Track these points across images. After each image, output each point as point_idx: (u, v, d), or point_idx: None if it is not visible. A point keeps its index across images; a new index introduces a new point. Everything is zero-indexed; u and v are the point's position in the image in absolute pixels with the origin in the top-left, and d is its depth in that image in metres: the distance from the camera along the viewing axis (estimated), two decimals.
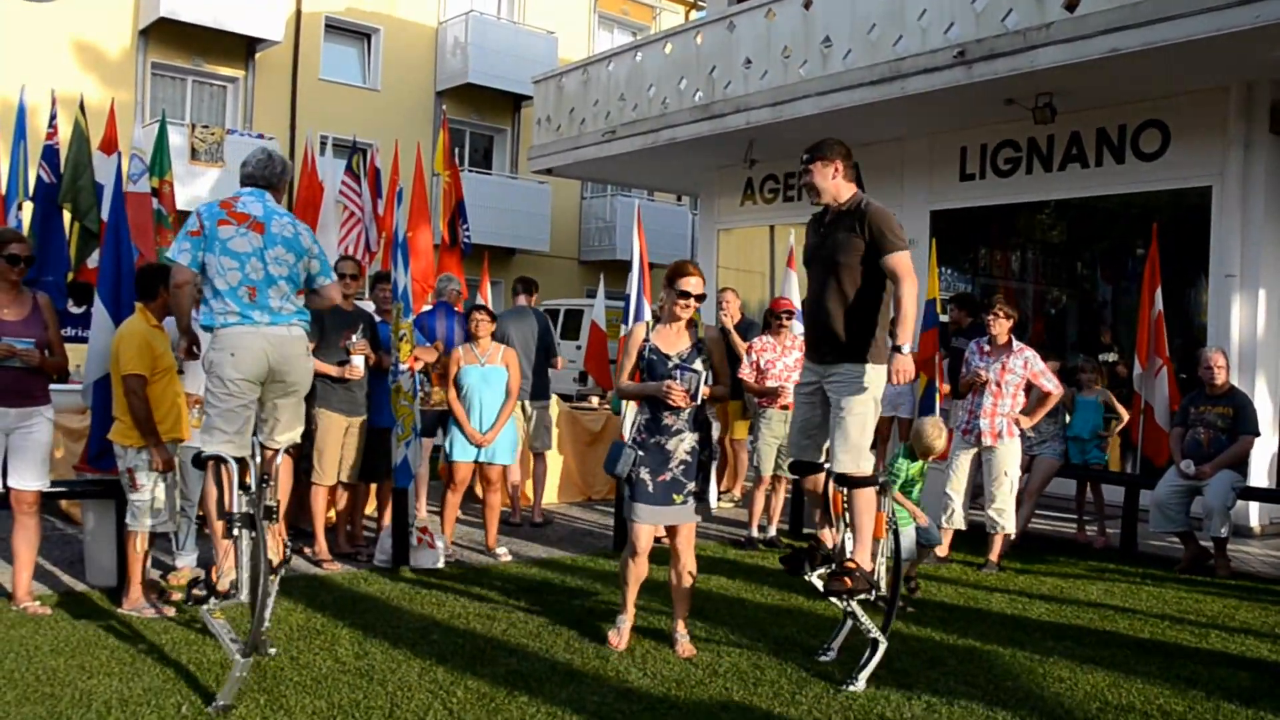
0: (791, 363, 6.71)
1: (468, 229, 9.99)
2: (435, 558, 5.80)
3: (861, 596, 4.07)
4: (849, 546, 4.25)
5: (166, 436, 4.68)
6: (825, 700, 3.86)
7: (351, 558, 6.00)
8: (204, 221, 4.07)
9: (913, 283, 4.03)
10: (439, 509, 7.08)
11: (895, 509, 5.28)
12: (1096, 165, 8.99)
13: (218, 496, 4.01)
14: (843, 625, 4.36)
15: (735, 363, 7.14)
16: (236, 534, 3.88)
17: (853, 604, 4.08)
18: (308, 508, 5.93)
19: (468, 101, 19.90)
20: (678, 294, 4.30)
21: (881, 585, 4.14)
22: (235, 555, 3.90)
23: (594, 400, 9.59)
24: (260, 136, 17.25)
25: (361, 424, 5.93)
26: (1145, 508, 6.84)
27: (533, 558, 6.29)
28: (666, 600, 4.64)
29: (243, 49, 17.62)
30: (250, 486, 3.94)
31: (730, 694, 3.90)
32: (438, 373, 6.86)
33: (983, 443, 6.22)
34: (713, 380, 4.36)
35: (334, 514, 6.26)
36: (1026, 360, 6.24)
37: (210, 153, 16.35)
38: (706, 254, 13.01)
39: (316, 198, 9.66)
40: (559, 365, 7.80)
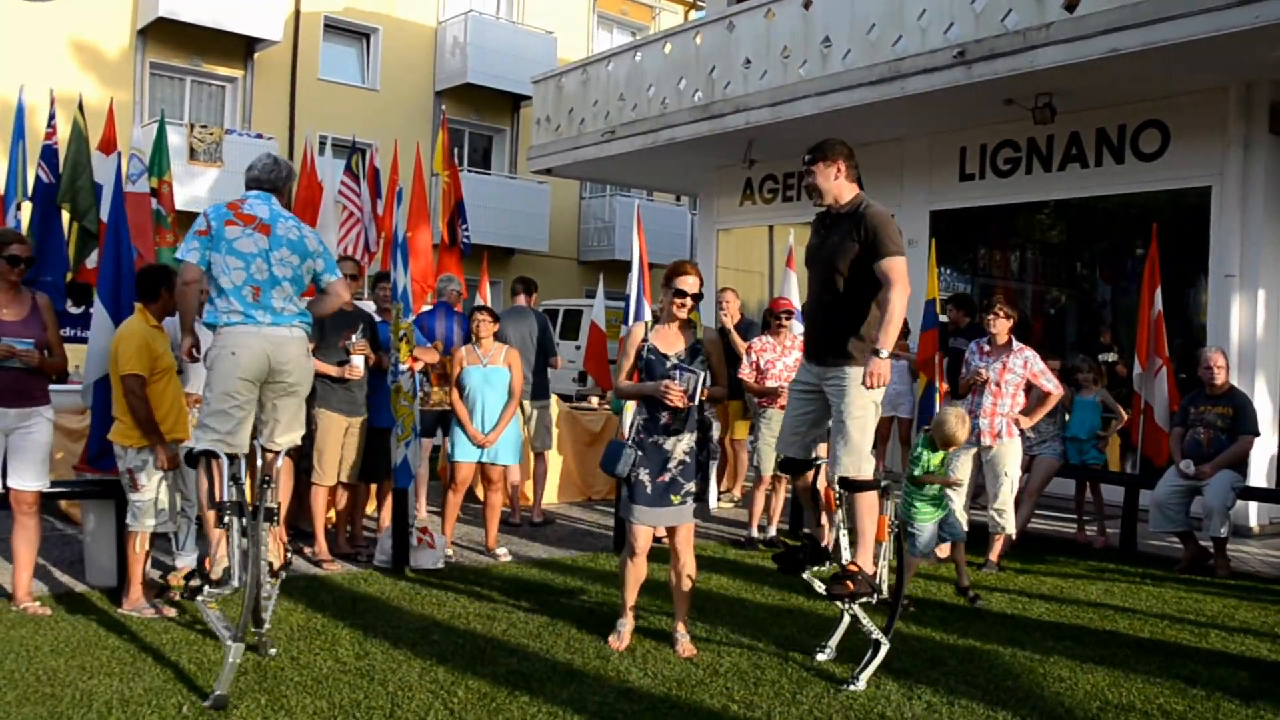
0: (791, 363, 6.71)
1: (467, 229, 9.99)
2: (435, 558, 5.80)
3: (863, 600, 4.07)
4: (844, 544, 4.26)
5: (168, 437, 4.68)
6: (826, 700, 3.86)
7: (351, 558, 5.99)
8: (211, 222, 4.13)
9: (902, 290, 3.96)
10: (438, 509, 7.09)
11: (914, 509, 5.25)
12: (1096, 165, 9.00)
13: (208, 488, 4.09)
14: (839, 624, 4.36)
15: (735, 362, 7.15)
16: (228, 521, 3.94)
17: (854, 607, 4.08)
18: (308, 508, 5.93)
19: (467, 101, 19.90)
20: (674, 293, 4.34)
21: (884, 588, 4.13)
22: (227, 543, 3.96)
23: (594, 400, 9.59)
24: (259, 136, 17.24)
25: (361, 424, 5.93)
26: (1145, 508, 6.85)
27: (533, 558, 6.28)
28: (667, 600, 4.64)
29: (241, 49, 17.60)
30: (240, 477, 4.02)
31: (731, 694, 3.91)
32: (437, 373, 6.86)
33: (982, 443, 6.22)
34: (711, 381, 4.37)
35: (334, 514, 6.26)
36: (1026, 360, 6.24)
37: (209, 153, 16.33)
38: (706, 254, 13.01)
39: (316, 198, 9.65)
40: (557, 365, 7.80)
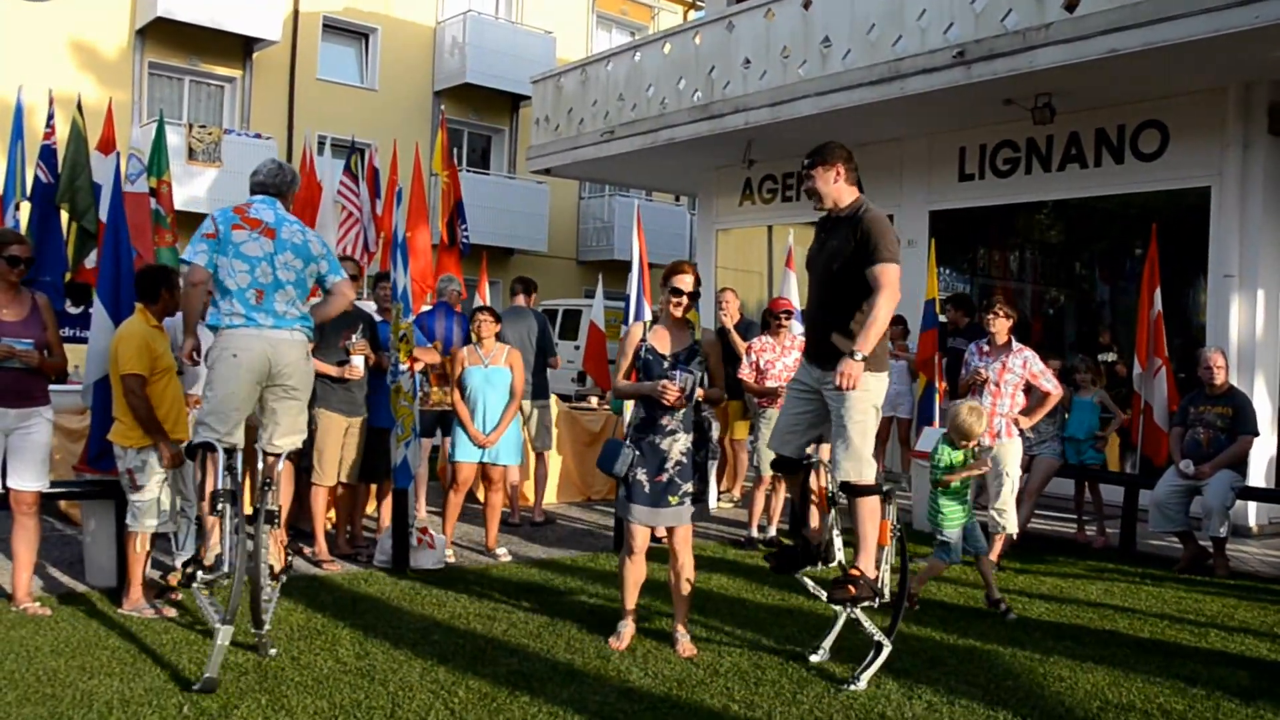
0: (791, 363, 6.71)
1: (466, 229, 9.98)
2: (435, 558, 5.80)
3: (865, 604, 4.06)
4: (836, 545, 4.25)
5: (154, 442, 4.65)
6: (826, 700, 3.86)
7: (351, 558, 5.99)
8: (219, 225, 4.19)
9: (890, 297, 3.92)
10: (437, 509, 7.09)
11: (941, 515, 5.20)
12: (1095, 165, 9.01)
13: (201, 479, 4.22)
14: (833, 626, 4.35)
15: (735, 362, 7.15)
16: (220, 509, 4.03)
17: (857, 610, 4.08)
18: (307, 508, 5.92)
19: (465, 101, 19.89)
20: (670, 291, 4.37)
21: (886, 592, 4.13)
22: (220, 531, 4.04)
23: (593, 400, 9.59)
24: (258, 136, 17.22)
25: (361, 424, 5.93)
26: (1144, 507, 6.85)
27: (532, 558, 6.28)
28: (667, 600, 4.64)
29: (240, 49, 17.58)
30: (235, 468, 4.11)
31: (732, 693, 3.91)
32: (436, 373, 6.86)
33: (982, 442, 6.22)
34: (708, 383, 4.37)
35: (334, 514, 6.26)
36: (1026, 360, 6.24)
37: (207, 153, 16.31)
38: (705, 254, 13.02)
39: (315, 198, 9.64)
40: (556, 365, 7.81)
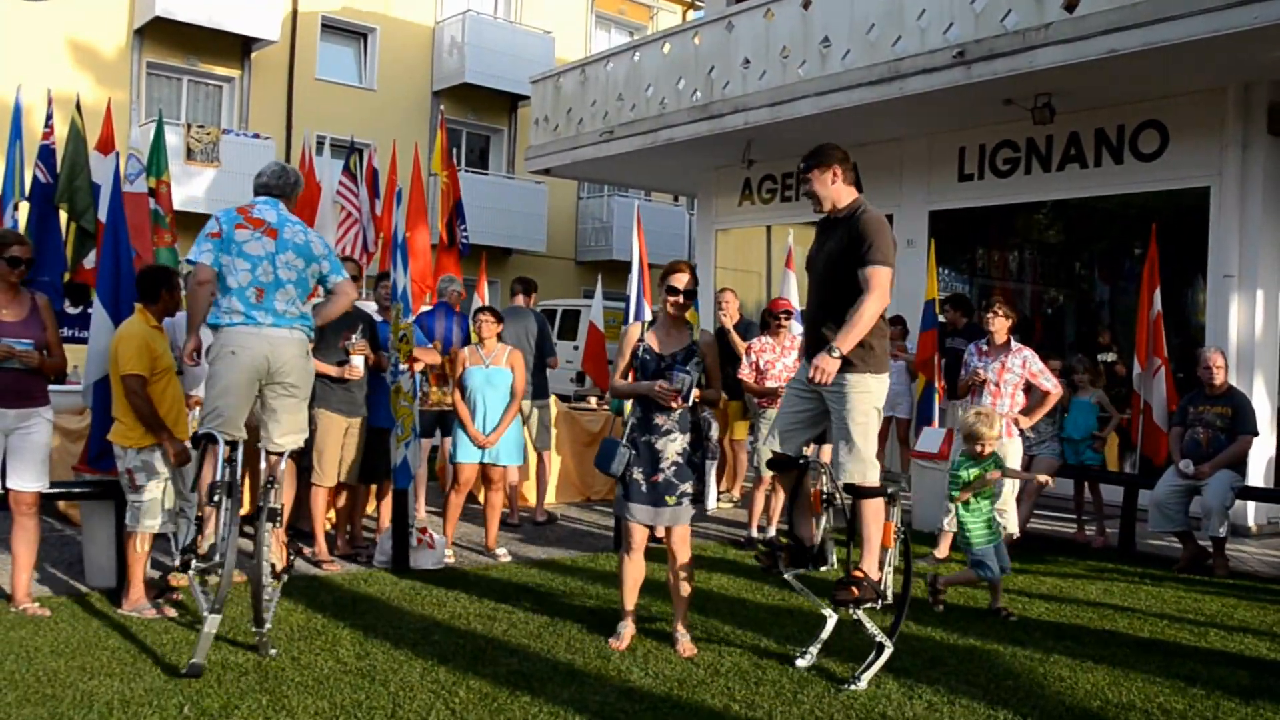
0: (790, 363, 6.71)
1: (465, 229, 9.98)
2: (435, 558, 5.80)
3: (868, 605, 4.06)
4: (829, 549, 4.25)
5: (159, 441, 4.66)
6: (827, 700, 3.86)
7: (351, 559, 5.98)
8: (223, 225, 4.27)
9: (879, 299, 3.92)
10: (435, 509, 7.09)
11: (969, 535, 5.14)
12: (1095, 166, 9.01)
13: (199, 470, 4.32)
14: (822, 630, 4.32)
15: (734, 363, 7.15)
16: (217, 500, 4.13)
17: (859, 611, 4.08)
18: (307, 508, 5.92)
19: (464, 101, 19.89)
20: (667, 291, 4.39)
21: (888, 594, 4.13)
22: (215, 521, 4.13)
23: (592, 400, 9.59)
24: (256, 136, 17.22)
25: (361, 424, 5.92)
26: (1144, 507, 6.85)
27: (532, 558, 6.28)
28: (667, 601, 4.64)
29: (238, 48, 17.58)
30: (235, 460, 4.20)
31: (732, 693, 3.91)
32: (435, 373, 6.86)
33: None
34: (706, 384, 4.38)
35: (333, 515, 6.25)
36: (1025, 359, 6.24)
37: (206, 153, 16.30)
38: (704, 254, 13.01)
39: (314, 198, 9.64)
40: (555, 364, 7.81)
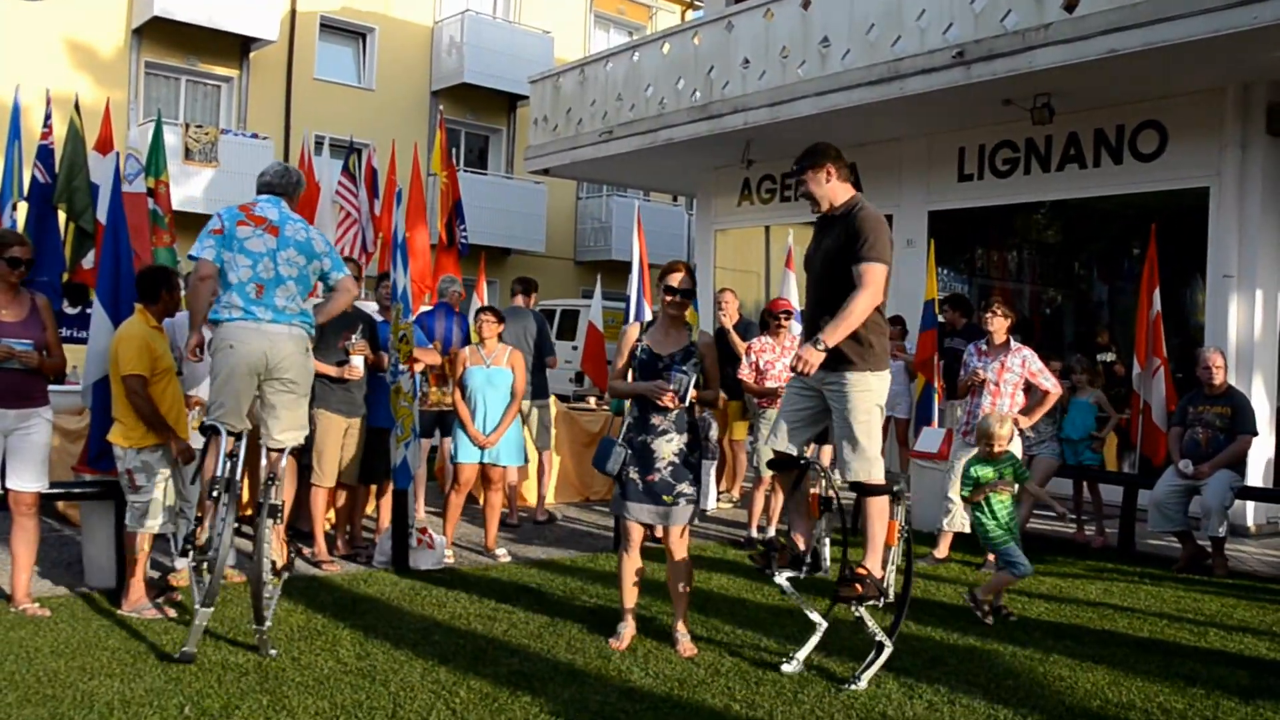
0: (790, 363, 6.70)
1: (465, 230, 9.97)
2: (435, 558, 5.80)
3: (870, 603, 4.06)
4: (825, 552, 4.24)
5: (163, 440, 4.66)
6: (828, 699, 3.86)
7: (351, 559, 5.98)
8: (225, 222, 4.33)
9: (871, 296, 3.90)
10: (434, 509, 7.08)
11: (990, 538, 5.12)
12: (1094, 166, 9.01)
13: (201, 463, 4.45)
14: (812, 636, 4.31)
15: (734, 363, 7.15)
16: (215, 495, 4.19)
17: (861, 609, 4.08)
18: (307, 509, 5.91)
19: (463, 101, 19.88)
20: (664, 290, 4.40)
21: (890, 592, 4.13)
22: (214, 514, 4.22)
23: (591, 401, 9.59)
24: (254, 136, 17.20)
25: (361, 424, 5.91)
26: (1143, 507, 6.86)
27: (532, 558, 6.28)
28: (668, 600, 4.64)
29: (237, 48, 17.56)
30: (236, 455, 4.26)
31: (733, 693, 3.91)
32: (435, 374, 6.86)
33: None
34: (704, 385, 4.38)
35: (333, 515, 6.25)
36: (1024, 359, 6.24)
37: (204, 153, 16.28)
38: (703, 254, 13.01)
39: (312, 198, 9.64)
40: (554, 364, 7.81)
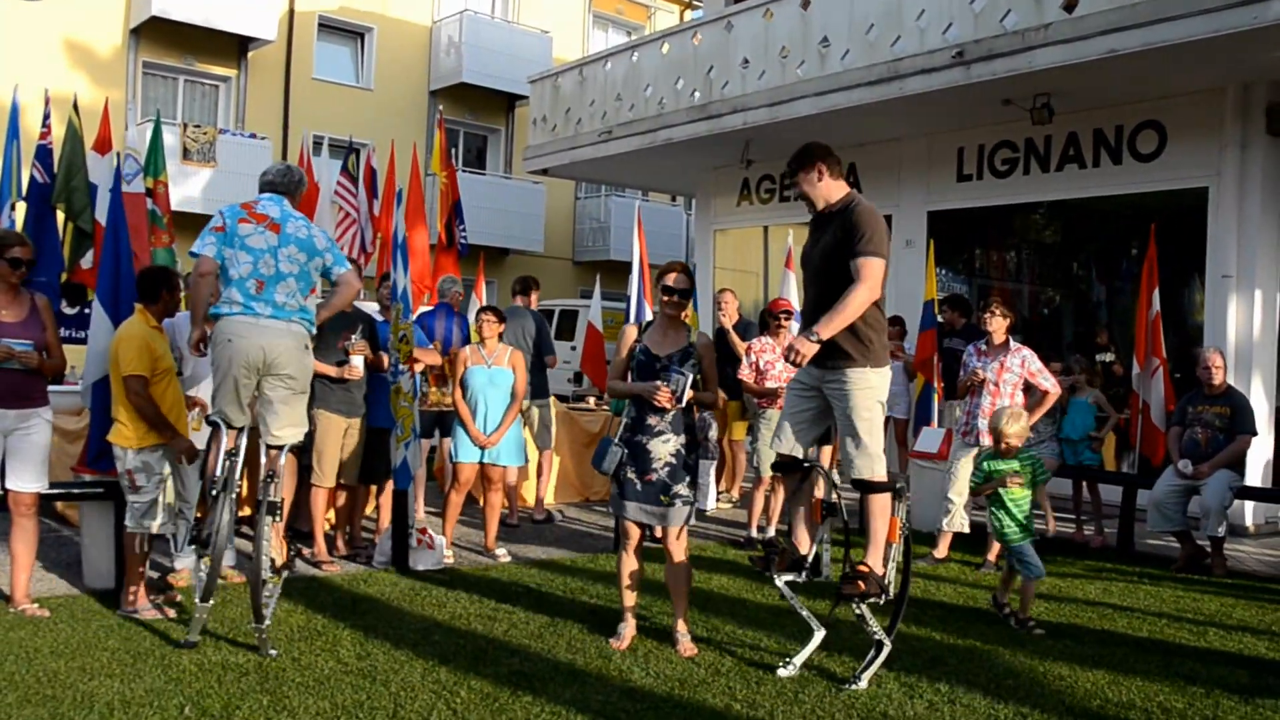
0: (792, 367, 6.70)
1: (464, 230, 9.96)
2: (435, 559, 5.79)
3: (872, 600, 4.06)
4: (826, 558, 4.24)
5: (166, 440, 4.66)
6: (828, 699, 3.86)
7: (350, 559, 5.97)
8: (226, 220, 4.37)
9: (868, 291, 3.89)
10: (434, 509, 7.08)
11: (1005, 534, 5.08)
12: (1094, 166, 9.02)
13: (205, 458, 4.51)
14: (811, 641, 4.30)
15: (734, 363, 7.15)
16: (215, 494, 4.27)
17: (862, 607, 4.08)
18: (306, 509, 5.91)
19: (462, 101, 19.87)
20: (661, 290, 4.40)
21: (890, 590, 4.13)
22: (214, 511, 4.28)
23: (590, 401, 9.59)
24: (252, 136, 17.18)
25: (361, 424, 5.91)
26: (1142, 507, 6.86)
27: (532, 559, 6.28)
28: (668, 600, 4.64)
29: (235, 48, 17.54)
30: (235, 453, 4.34)
31: (734, 693, 3.91)
32: (435, 374, 6.86)
33: (981, 443, 6.23)
34: (702, 386, 4.39)
35: (332, 515, 6.24)
36: (1024, 359, 6.25)
37: (202, 153, 16.26)
38: (703, 254, 13.02)
39: (311, 198, 9.62)
40: (554, 364, 7.81)
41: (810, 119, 9.54)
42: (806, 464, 4.28)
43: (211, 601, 4.21)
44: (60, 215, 7.82)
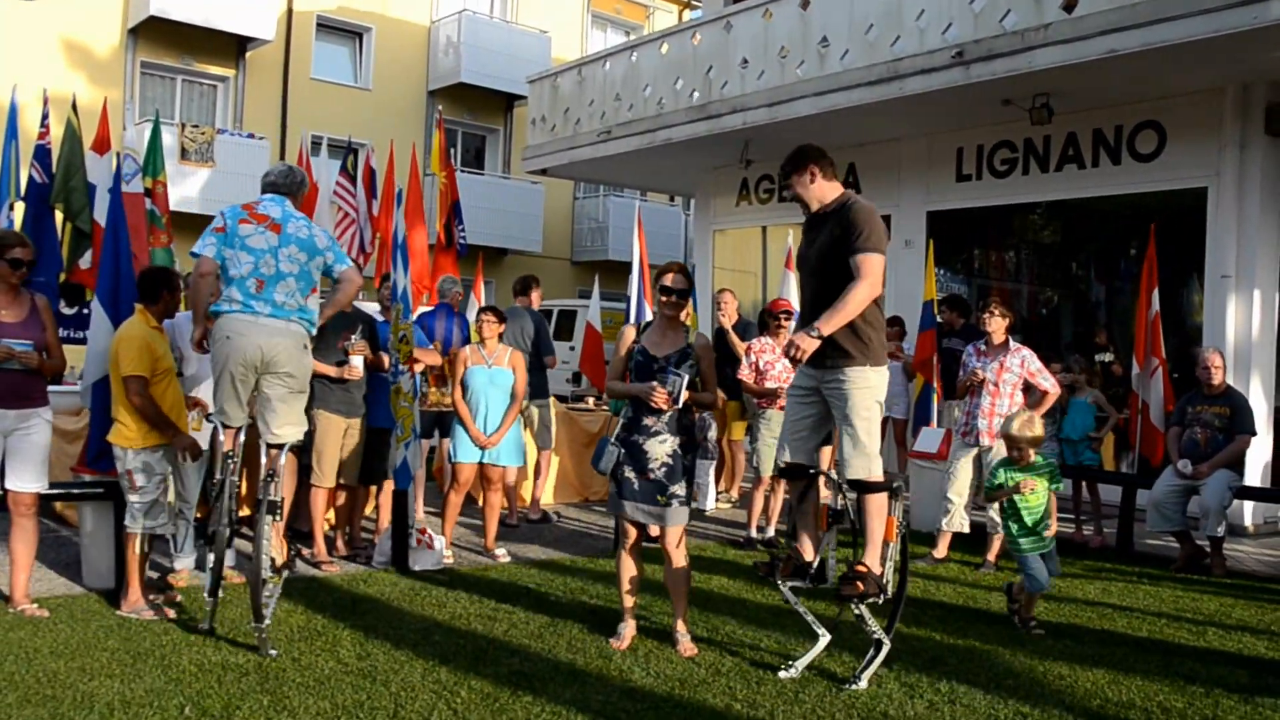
0: (790, 364, 6.70)
1: (464, 230, 9.96)
2: (435, 559, 5.79)
3: (870, 600, 4.06)
4: (830, 564, 4.24)
5: (168, 439, 4.67)
6: (828, 699, 3.86)
7: (350, 560, 5.97)
8: (227, 220, 4.40)
9: (870, 287, 3.89)
10: (433, 509, 7.08)
11: (1016, 544, 5.00)
12: (1093, 166, 9.02)
13: (211, 456, 4.62)
14: (814, 647, 4.29)
15: (733, 363, 7.15)
16: (215, 496, 4.36)
17: (861, 607, 4.08)
18: (306, 509, 5.90)
19: (460, 101, 19.87)
20: (659, 290, 4.41)
21: (889, 589, 4.13)
22: (216, 510, 4.36)
23: (590, 401, 9.59)
24: (251, 136, 17.17)
25: (360, 425, 5.91)
26: (1142, 507, 6.87)
27: (532, 559, 6.28)
28: (668, 600, 4.64)
29: (233, 48, 17.54)
30: (233, 454, 4.41)
31: (734, 693, 3.91)
32: (435, 374, 6.85)
33: (981, 443, 6.23)
34: (701, 387, 4.39)
35: (332, 515, 6.24)
36: (1024, 359, 6.25)
37: (200, 153, 16.23)
38: (702, 255, 13.01)
39: (310, 198, 9.61)
40: (553, 364, 7.80)
41: (810, 119, 9.54)
42: (813, 470, 4.28)
43: (217, 598, 4.33)
44: (59, 215, 7.81)
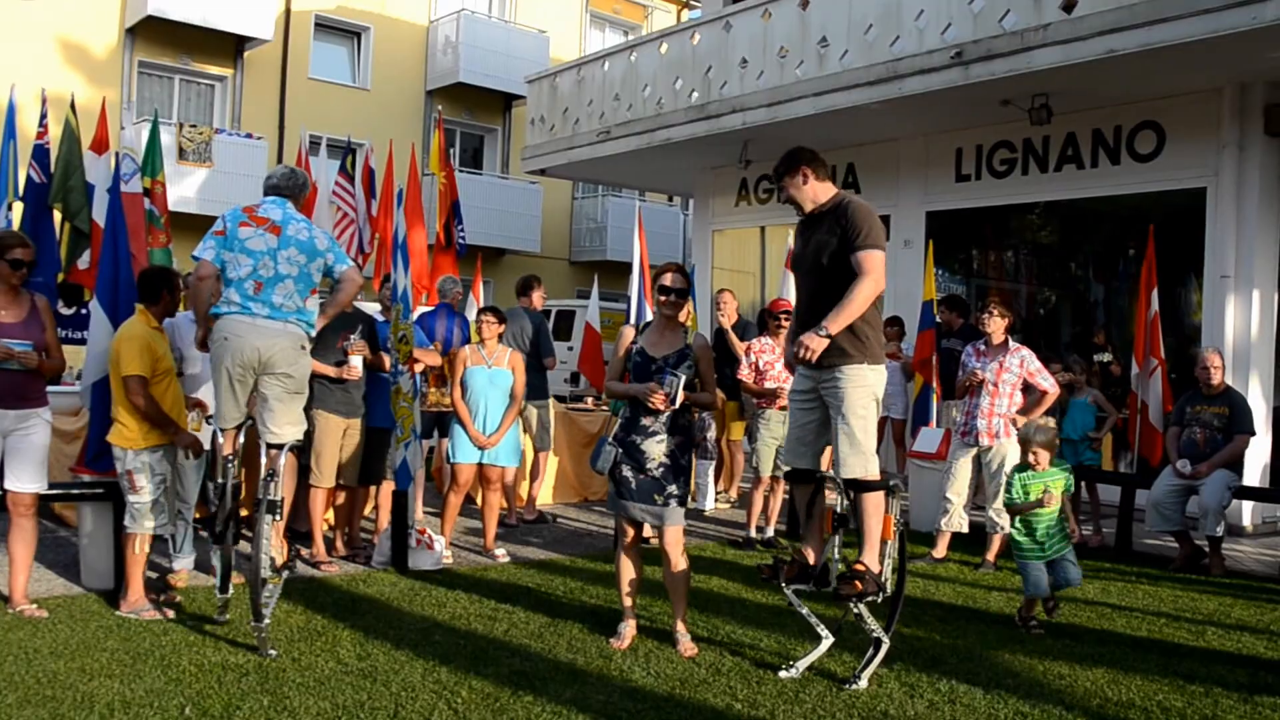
0: (794, 351, 6.70)
1: (463, 230, 9.96)
2: (434, 559, 5.79)
3: (869, 599, 4.07)
4: (833, 570, 4.24)
5: (170, 438, 4.67)
6: (829, 699, 3.87)
7: (349, 560, 5.96)
8: (228, 224, 4.42)
9: (873, 283, 3.91)
10: (432, 510, 7.07)
11: (1021, 550, 4.99)
12: (1092, 166, 9.03)
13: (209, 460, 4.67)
14: (816, 649, 4.29)
15: (733, 363, 7.15)
16: (216, 499, 4.43)
17: (860, 606, 4.08)
18: (306, 510, 5.90)
19: (458, 101, 19.86)
20: (658, 290, 4.42)
21: (888, 587, 4.13)
22: (220, 511, 4.42)
23: (589, 401, 9.58)
24: (249, 136, 17.15)
25: (360, 425, 5.90)
26: (1141, 507, 6.87)
27: (531, 559, 6.27)
28: (668, 600, 4.64)
29: (231, 47, 17.52)
30: (233, 458, 4.45)
31: (734, 692, 3.91)
32: (435, 374, 6.85)
33: (980, 443, 6.24)
34: (700, 387, 4.39)
35: (331, 516, 6.23)
36: (1023, 359, 6.25)
37: (198, 152, 16.21)
38: (701, 255, 13.02)
39: (310, 198, 9.59)
40: (553, 365, 7.80)
41: (809, 119, 9.55)
42: (818, 475, 4.29)
43: (229, 594, 4.45)
44: (57, 215, 7.81)
